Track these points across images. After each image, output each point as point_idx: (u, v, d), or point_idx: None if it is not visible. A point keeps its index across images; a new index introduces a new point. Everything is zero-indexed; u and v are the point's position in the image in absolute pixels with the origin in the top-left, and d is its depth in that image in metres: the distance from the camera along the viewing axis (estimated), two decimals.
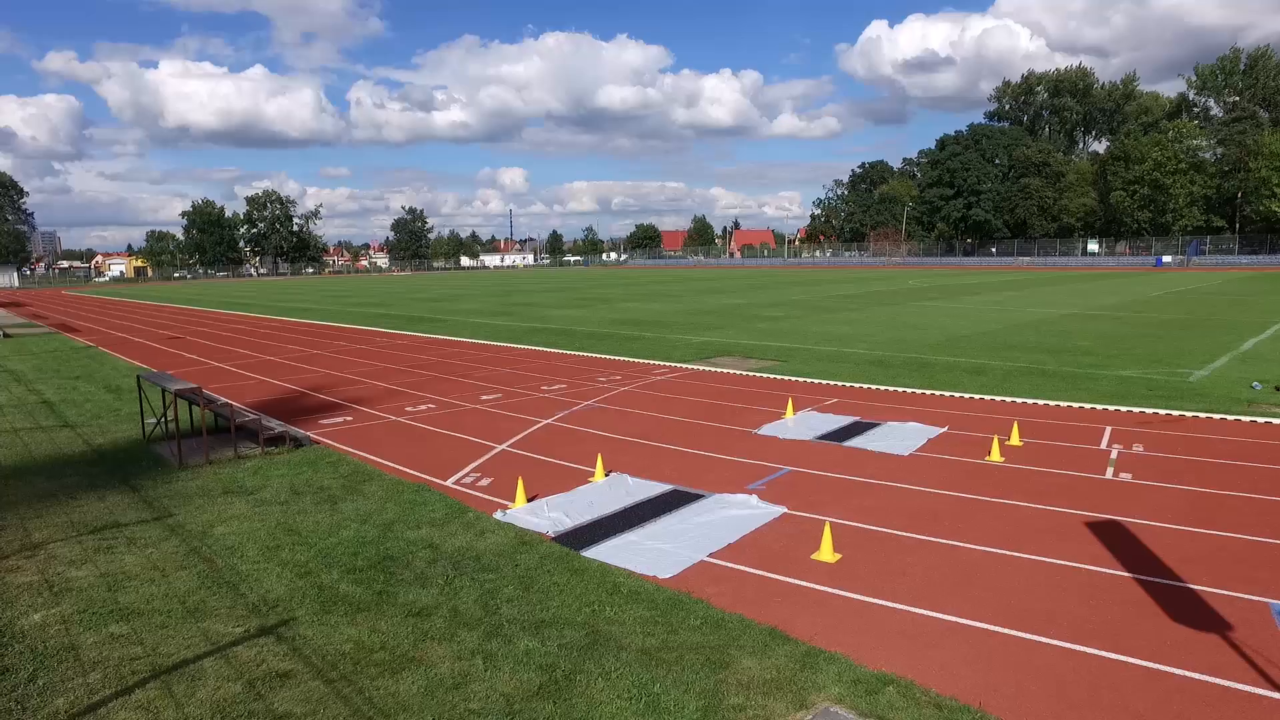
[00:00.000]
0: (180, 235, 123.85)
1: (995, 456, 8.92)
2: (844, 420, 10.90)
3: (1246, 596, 5.43)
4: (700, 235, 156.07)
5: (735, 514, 7.17)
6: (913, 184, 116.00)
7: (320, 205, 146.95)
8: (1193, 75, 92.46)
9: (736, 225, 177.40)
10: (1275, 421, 10.44)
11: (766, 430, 10.47)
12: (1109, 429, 10.23)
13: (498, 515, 7.27)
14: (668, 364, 16.53)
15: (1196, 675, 4.46)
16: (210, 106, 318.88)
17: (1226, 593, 5.49)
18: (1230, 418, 10.68)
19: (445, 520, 7.17)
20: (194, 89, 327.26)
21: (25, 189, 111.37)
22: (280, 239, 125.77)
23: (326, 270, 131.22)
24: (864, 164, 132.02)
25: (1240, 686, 4.35)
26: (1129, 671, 4.53)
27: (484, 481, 8.43)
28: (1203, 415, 10.84)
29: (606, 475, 8.42)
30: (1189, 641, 4.84)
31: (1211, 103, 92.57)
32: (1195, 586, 5.60)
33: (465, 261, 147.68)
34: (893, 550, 6.36)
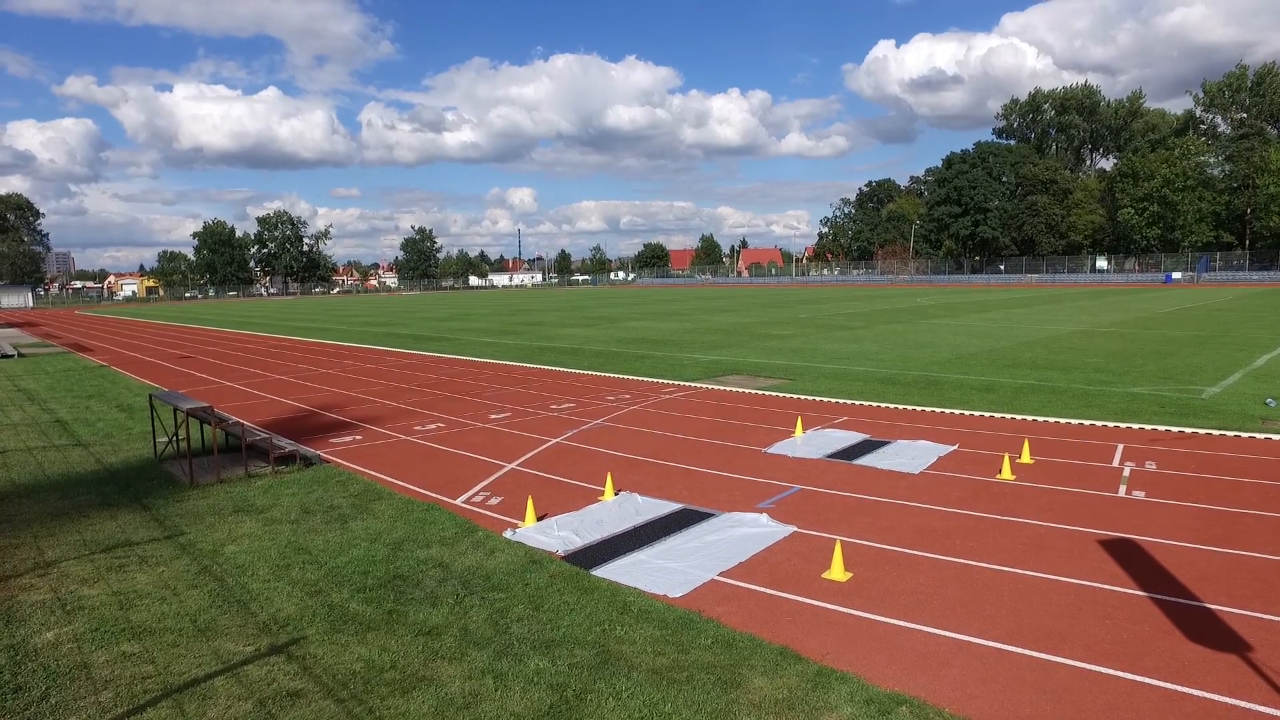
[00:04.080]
0: (191, 255, 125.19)
1: (1006, 474, 8.87)
2: (853, 438, 10.87)
3: (1264, 616, 5.36)
4: (708, 254, 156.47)
5: (745, 533, 7.15)
6: (920, 202, 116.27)
7: (330, 225, 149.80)
8: (1200, 92, 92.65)
9: (744, 244, 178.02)
10: None
11: (776, 449, 10.44)
12: (1121, 446, 10.16)
13: (507, 534, 7.26)
14: (676, 382, 16.54)
15: (1216, 696, 4.41)
16: (224, 129, 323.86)
17: (1244, 612, 5.42)
18: (1244, 435, 10.59)
19: (455, 539, 7.17)
20: (208, 111, 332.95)
21: (41, 210, 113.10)
22: (290, 259, 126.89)
23: (336, 290, 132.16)
24: (871, 182, 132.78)
25: (1261, 708, 4.29)
26: (1146, 692, 4.48)
27: (493, 500, 8.43)
28: (1216, 432, 10.75)
29: (616, 494, 8.41)
30: (1207, 662, 4.79)
31: (1219, 119, 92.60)
32: (1212, 605, 5.54)
33: (474, 281, 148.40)
34: (904, 569, 6.32)
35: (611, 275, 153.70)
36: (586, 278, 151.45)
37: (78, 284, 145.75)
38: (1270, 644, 4.98)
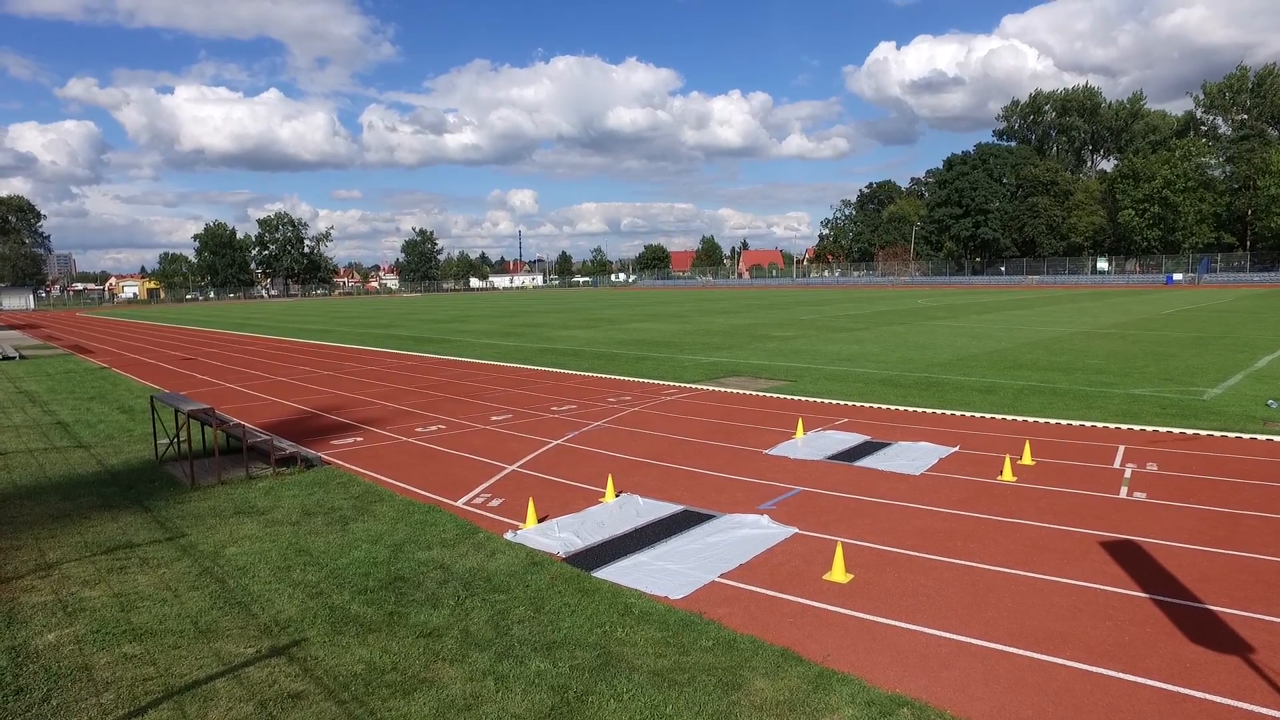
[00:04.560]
0: (193, 257, 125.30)
1: (1008, 476, 8.86)
2: (854, 440, 10.87)
3: (1266, 617, 5.36)
4: (709, 255, 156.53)
5: (746, 534, 7.14)
6: (921, 203, 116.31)
7: (331, 227, 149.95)
8: (1200, 94, 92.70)
9: (745, 245, 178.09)
10: None
11: (777, 450, 10.44)
12: (1122, 448, 10.15)
13: (508, 536, 7.26)
14: (677, 384, 16.54)
15: (1217, 698, 4.40)
16: (225, 130, 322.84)
17: (1246, 614, 5.42)
18: (1246, 436, 10.59)
19: (456, 541, 7.17)
20: (209, 113, 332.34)
21: (43, 212, 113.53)
22: (291, 260, 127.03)
23: (336, 291, 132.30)
24: (872, 184, 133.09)
25: (1263, 710, 4.28)
26: (1148, 694, 4.47)
27: (494, 502, 8.43)
28: (1217, 434, 10.75)
29: (617, 496, 8.41)
30: (1209, 663, 4.78)
31: (1220, 121, 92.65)
32: (1214, 607, 5.53)
33: (474, 283, 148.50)
34: (905, 570, 6.32)
35: (612, 277, 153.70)
36: (587, 279, 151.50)
37: (79, 286, 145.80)
38: (1272, 646, 4.97)
